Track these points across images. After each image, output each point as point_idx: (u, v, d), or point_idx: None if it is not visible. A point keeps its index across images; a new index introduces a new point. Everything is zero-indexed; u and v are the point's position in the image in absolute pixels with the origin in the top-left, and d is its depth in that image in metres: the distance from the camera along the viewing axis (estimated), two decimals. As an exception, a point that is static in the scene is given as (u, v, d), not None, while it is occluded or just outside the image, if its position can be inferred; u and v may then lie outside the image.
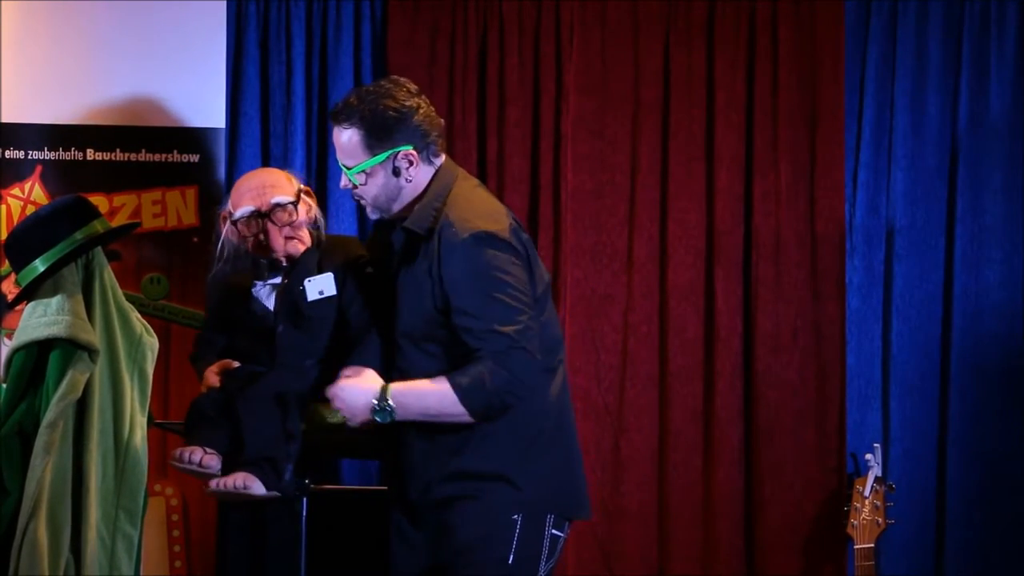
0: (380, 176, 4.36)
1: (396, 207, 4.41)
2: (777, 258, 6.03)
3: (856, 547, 5.66)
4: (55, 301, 4.31)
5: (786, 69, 6.06)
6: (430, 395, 4.32)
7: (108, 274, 4.44)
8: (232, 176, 6.02)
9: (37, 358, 4.30)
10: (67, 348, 4.27)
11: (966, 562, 5.97)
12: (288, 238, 4.63)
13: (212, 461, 4.41)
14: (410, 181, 4.38)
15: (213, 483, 4.39)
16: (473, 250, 4.28)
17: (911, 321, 6.05)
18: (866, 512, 5.65)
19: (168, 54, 5.85)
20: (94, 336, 4.32)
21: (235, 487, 4.37)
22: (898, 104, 6.08)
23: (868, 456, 5.70)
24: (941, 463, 6.03)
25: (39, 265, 4.34)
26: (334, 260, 4.65)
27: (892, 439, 6.02)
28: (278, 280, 4.68)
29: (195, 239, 5.85)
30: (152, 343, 4.52)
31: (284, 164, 6.08)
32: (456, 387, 4.27)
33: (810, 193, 6.04)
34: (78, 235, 4.36)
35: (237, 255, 4.71)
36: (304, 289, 4.58)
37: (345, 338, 4.61)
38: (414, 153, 4.36)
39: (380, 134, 4.33)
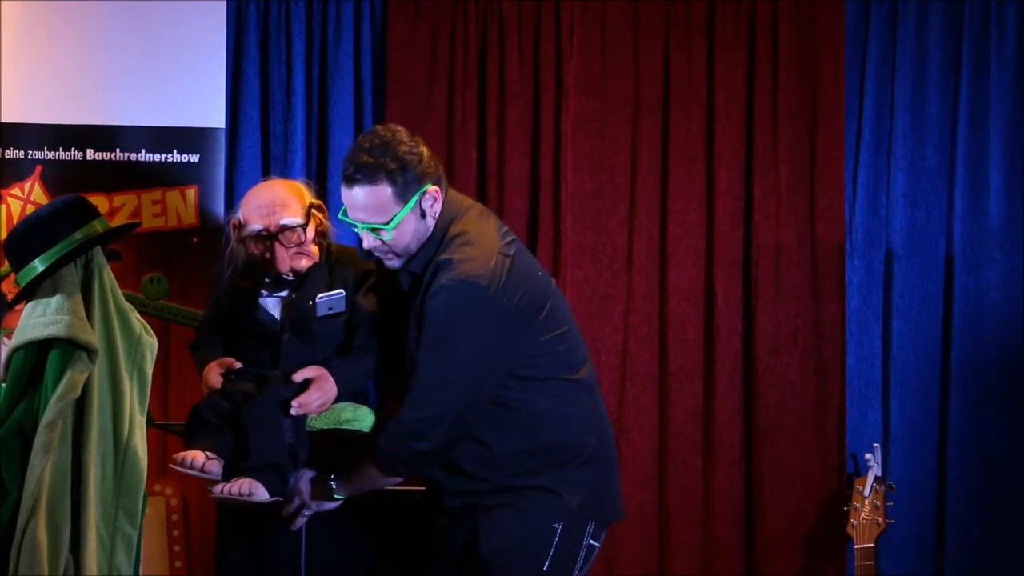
0: (411, 222, 4.34)
1: (417, 248, 4.39)
2: (777, 258, 6.03)
3: (856, 547, 5.66)
4: (54, 301, 4.31)
5: (786, 69, 6.06)
6: (359, 464, 4.45)
7: (107, 274, 4.44)
8: (232, 176, 6.03)
9: (36, 358, 4.29)
10: (66, 348, 4.27)
11: (966, 562, 5.97)
12: (295, 255, 4.61)
13: (214, 467, 4.40)
14: (434, 219, 4.37)
15: (217, 489, 4.39)
16: (448, 296, 4.26)
17: (911, 321, 6.05)
18: (866, 512, 5.65)
19: (168, 54, 5.85)
20: (93, 336, 4.32)
21: (240, 493, 4.36)
22: (898, 104, 6.08)
23: (868, 456, 5.70)
24: (941, 463, 6.03)
25: (38, 265, 4.34)
26: (344, 275, 4.62)
27: (892, 439, 6.02)
28: (284, 293, 4.67)
29: (195, 239, 5.85)
30: (151, 343, 4.52)
31: (284, 164, 6.09)
32: (372, 454, 4.39)
33: (810, 193, 6.04)
34: (77, 235, 4.36)
35: (245, 263, 4.70)
36: (314, 305, 4.57)
37: (347, 352, 4.62)
38: (437, 189, 4.35)
39: (407, 180, 4.29)
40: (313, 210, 4.65)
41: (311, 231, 4.61)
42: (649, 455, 6.00)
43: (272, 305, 4.66)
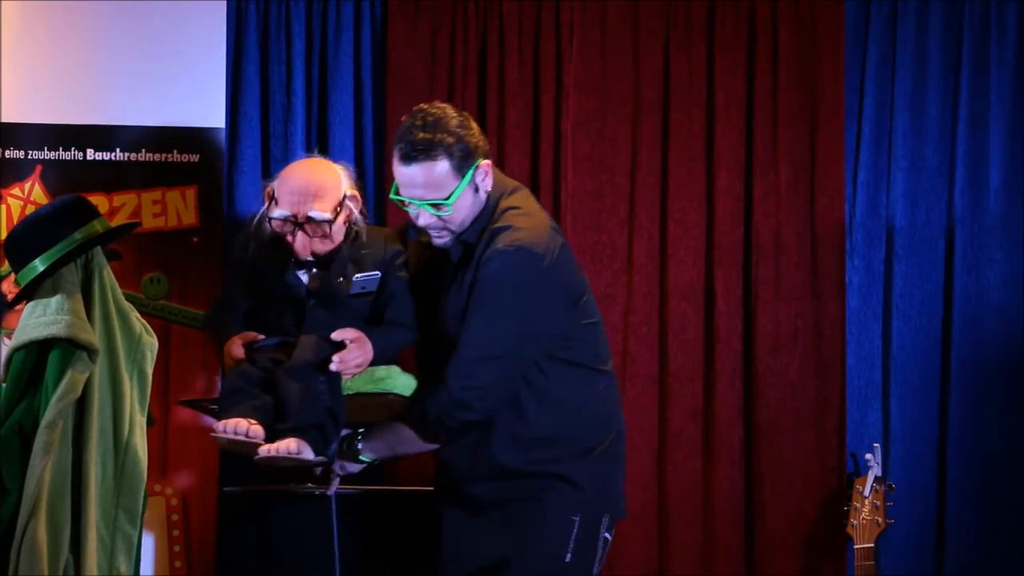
0: (467, 197, 4.38)
1: (470, 223, 4.43)
2: (777, 258, 6.03)
3: (856, 547, 5.66)
4: (54, 301, 4.31)
5: (786, 69, 6.06)
6: (391, 426, 4.44)
7: (107, 274, 4.45)
8: (232, 176, 6.03)
9: (37, 358, 4.30)
10: (66, 348, 4.27)
11: (966, 562, 5.97)
12: (315, 244, 4.57)
13: (259, 431, 4.31)
14: (487, 193, 4.41)
15: (263, 450, 4.29)
16: (504, 261, 4.28)
17: (911, 321, 6.05)
18: (866, 512, 5.65)
19: (168, 54, 5.85)
20: (93, 336, 4.32)
21: (288, 452, 4.27)
22: (898, 104, 6.07)
23: (868, 456, 5.70)
24: (941, 463, 6.02)
25: (38, 265, 4.34)
26: (372, 256, 4.58)
27: (892, 439, 6.02)
28: (315, 269, 4.61)
29: (195, 239, 5.85)
30: (151, 343, 4.52)
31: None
32: (406, 416, 4.39)
33: (810, 193, 6.04)
34: (77, 235, 4.37)
35: (272, 234, 4.63)
36: (347, 282, 4.52)
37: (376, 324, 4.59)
38: (489, 163, 4.40)
39: (464, 154, 4.34)
40: (347, 201, 4.60)
41: (339, 222, 4.56)
42: (649, 455, 5.99)
43: (302, 275, 4.61)
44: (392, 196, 4.44)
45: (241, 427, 4.28)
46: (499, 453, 4.43)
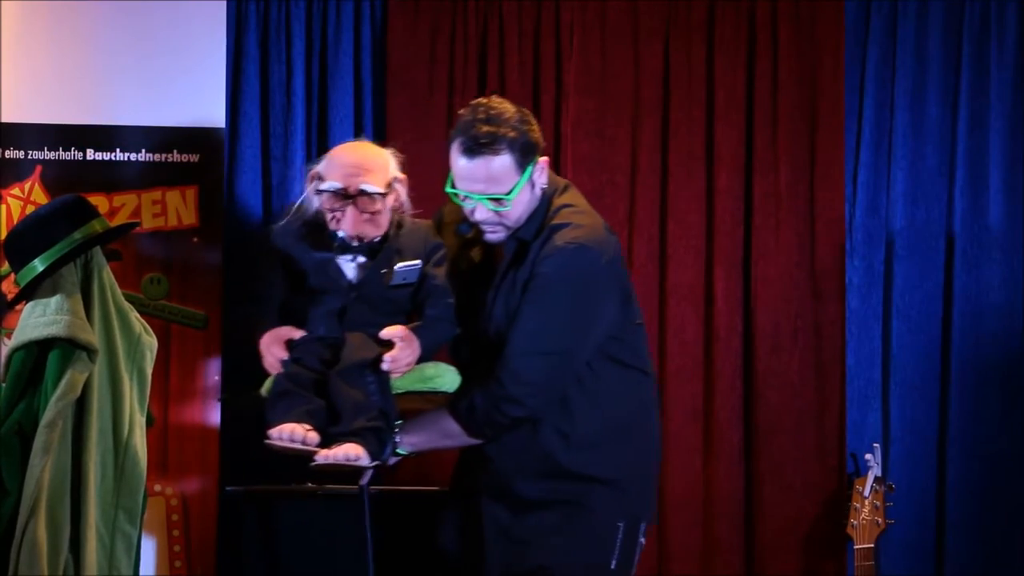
0: (526, 192, 4.33)
1: (525, 220, 4.38)
2: (777, 258, 6.03)
3: (856, 547, 5.65)
4: (54, 301, 4.31)
5: (786, 69, 6.06)
6: (430, 420, 4.36)
7: (107, 274, 4.44)
8: (232, 176, 6.03)
9: (36, 358, 4.30)
10: (66, 348, 4.27)
11: (966, 562, 5.97)
12: (366, 221, 4.41)
13: (314, 437, 4.19)
14: (542, 190, 4.37)
15: (321, 456, 4.17)
16: (564, 258, 4.26)
17: (911, 321, 6.05)
18: (866, 512, 5.65)
19: (168, 54, 5.85)
20: (93, 336, 4.32)
21: (347, 458, 4.17)
22: (898, 104, 6.08)
23: (868, 456, 5.70)
24: (941, 463, 6.02)
25: (38, 265, 4.34)
26: (413, 248, 4.46)
27: (892, 439, 6.02)
28: (363, 259, 4.50)
29: (195, 239, 5.85)
30: (151, 343, 4.52)
31: (284, 164, 6.09)
32: (451, 410, 4.32)
33: (810, 193, 6.04)
34: (77, 235, 4.37)
35: (312, 219, 4.49)
36: (390, 272, 4.43)
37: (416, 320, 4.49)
38: (546, 159, 4.36)
39: (525, 150, 4.30)
40: (395, 183, 4.47)
41: (388, 202, 4.44)
42: (649, 455, 5.99)
43: (348, 267, 4.46)
44: (448, 190, 4.36)
45: (297, 434, 4.17)
46: (548, 452, 4.38)
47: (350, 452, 4.15)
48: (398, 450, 4.39)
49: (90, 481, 4.34)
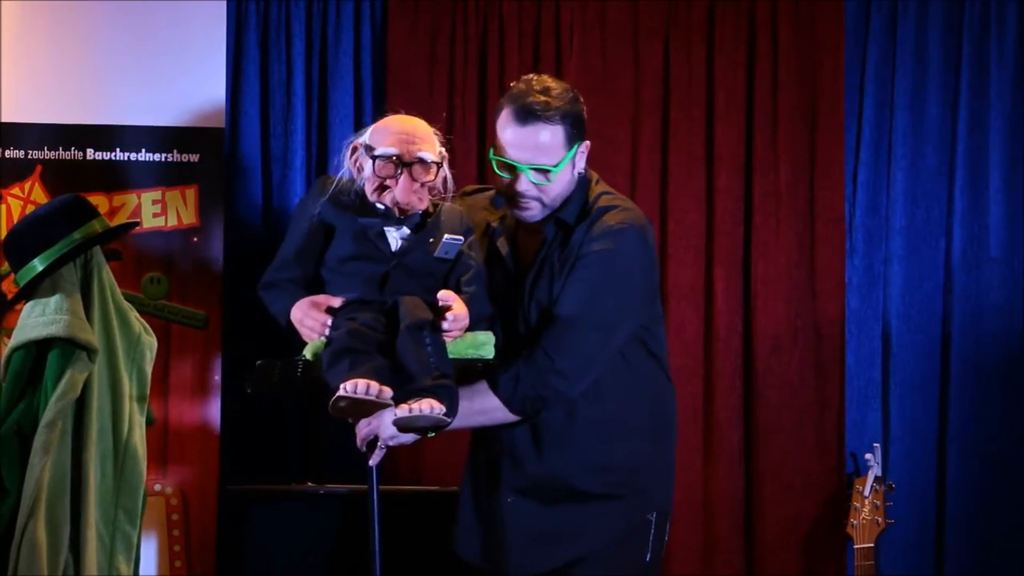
0: (567, 172, 4.34)
1: (560, 203, 4.38)
2: (777, 258, 6.03)
3: (856, 547, 5.65)
4: (53, 300, 4.31)
5: (786, 69, 6.06)
6: (463, 395, 4.24)
7: (107, 273, 4.45)
8: (232, 176, 6.03)
9: (36, 357, 4.30)
10: (65, 347, 4.27)
11: (966, 562, 5.96)
12: (416, 191, 4.34)
13: (388, 391, 4.04)
14: (580, 174, 4.38)
15: (402, 410, 4.03)
16: (615, 239, 4.25)
17: (911, 321, 6.04)
18: (866, 512, 5.65)
19: (168, 54, 5.85)
20: (92, 335, 4.32)
21: (432, 411, 4.03)
22: (898, 104, 6.07)
23: (868, 456, 5.70)
24: (941, 463, 6.02)
25: (37, 264, 4.35)
26: (454, 226, 4.38)
27: (892, 439, 6.02)
28: (407, 230, 4.38)
29: (195, 239, 5.85)
30: (151, 342, 4.53)
31: (284, 164, 6.09)
32: (493, 384, 4.26)
33: (810, 193, 6.04)
34: (76, 234, 4.37)
35: (353, 188, 4.39)
36: (437, 243, 4.36)
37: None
38: (588, 144, 4.38)
39: (576, 127, 4.32)
40: (442, 159, 4.40)
41: (439, 176, 4.37)
42: (649, 455, 5.99)
43: (394, 236, 4.37)
44: (492, 157, 4.35)
45: (373, 388, 4.01)
46: (582, 442, 4.35)
47: (435, 406, 4.03)
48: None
49: (90, 481, 4.34)
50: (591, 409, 4.36)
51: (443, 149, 4.39)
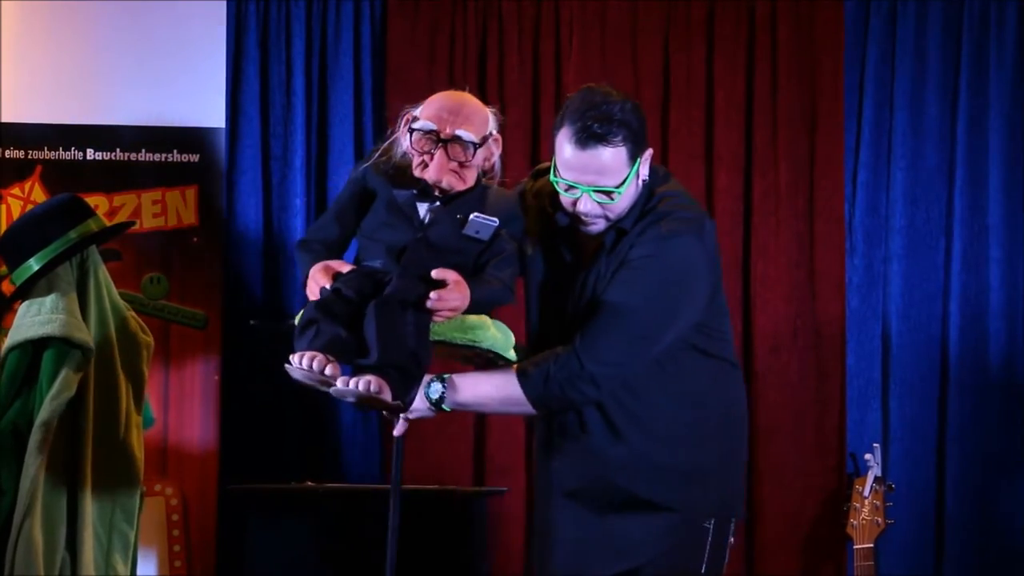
0: (633, 186, 4.12)
1: (626, 212, 4.18)
2: (777, 258, 6.03)
3: (856, 547, 5.64)
4: (49, 300, 4.32)
5: (786, 69, 6.06)
6: (487, 379, 4.13)
7: (103, 272, 4.45)
8: (232, 176, 6.04)
9: (32, 357, 4.30)
10: (61, 347, 4.27)
11: (966, 562, 5.96)
12: (452, 171, 4.17)
13: (336, 371, 3.91)
14: (644, 181, 4.17)
15: (339, 382, 3.90)
16: (663, 247, 4.08)
17: (911, 321, 6.04)
18: (866, 512, 5.64)
19: (168, 54, 5.86)
20: (88, 335, 4.32)
21: (367, 390, 3.88)
22: (898, 104, 6.07)
23: (868, 456, 5.69)
24: (941, 463, 6.02)
25: (33, 264, 4.35)
26: (497, 210, 4.18)
27: (892, 439, 6.02)
28: (436, 204, 4.33)
29: (195, 239, 5.86)
30: (147, 342, 4.53)
31: (284, 164, 6.10)
32: (521, 376, 4.09)
33: (810, 193, 6.04)
34: (72, 234, 4.37)
35: (397, 162, 4.23)
36: (466, 219, 4.27)
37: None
38: (651, 151, 4.17)
39: (637, 141, 4.09)
40: (491, 140, 4.21)
41: (479, 157, 4.18)
42: (649, 455, 5.99)
43: (423, 210, 4.18)
44: (552, 179, 4.12)
45: (317, 363, 3.89)
46: (629, 450, 4.28)
47: (372, 384, 3.89)
48: (443, 405, 4.14)
49: (86, 480, 4.35)
50: (641, 414, 4.26)
51: (494, 130, 4.21)
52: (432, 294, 4.00)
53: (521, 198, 4.33)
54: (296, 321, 4.06)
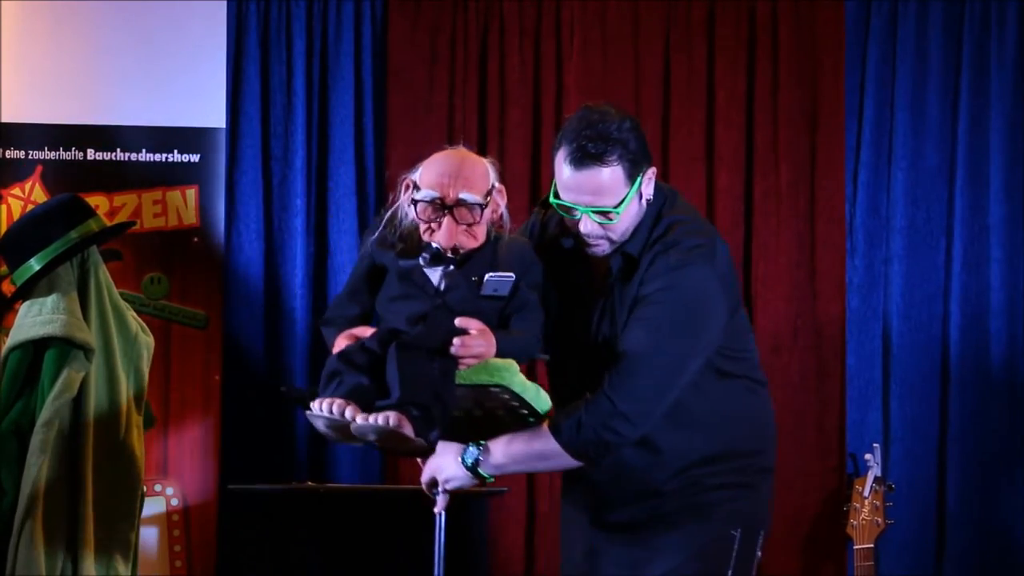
0: (634, 205, 4.07)
1: (630, 234, 4.12)
2: (777, 258, 6.03)
3: (856, 547, 5.64)
4: (50, 300, 4.32)
5: (786, 69, 6.06)
6: (520, 436, 4.07)
7: (103, 272, 4.45)
8: (232, 176, 6.04)
9: (33, 357, 4.31)
10: (62, 347, 4.28)
11: (966, 562, 5.96)
12: (463, 232, 4.14)
13: (356, 412, 3.88)
14: (648, 201, 4.12)
15: (360, 417, 3.88)
16: (680, 279, 4.02)
17: (911, 321, 6.04)
18: (866, 512, 5.64)
19: (168, 54, 5.86)
20: (89, 335, 4.33)
21: (388, 423, 3.86)
22: (898, 104, 6.07)
23: (868, 456, 5.69)
24: (941, 463, 6.02)
25: (34, 264, 4.35)
26: (509, 262, 4.16)
27: (892, 439, 6.02)
28: (443, 268, 4.30)
29: (195, 239, 5.86)
30: (148, 341, 4.53)
31: (284, 164, 6.09)
32: (553, 429, 4.03)
33: (810, 193, 6.04)
34: (73, 234, 4.38)
35: (406, 228, 4.19)
36: (481, 281, 4.24)
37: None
38: (654, 170, 4.11)
39: (635, 160, 4.03)
40: (495, 192, 4.17)
41: (486, 214, 4.14)
42: (649, 455, 5.98)
43: (435, 275, 4.14)
44: (552, 200, 4.10)
45: (338, 407, 3.88)
46: (655, 475, 4.25)
47: (391, 418, 3.86)
48: (480, 470, 4.09)
49: (87, 480, 4.35)
50: (664, 439, 4.24)
51: (496, 182, 4.16)
52: (456, 340, 3.97)
53: (540, 225, 4.30)
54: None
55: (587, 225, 4.06)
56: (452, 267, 4.10)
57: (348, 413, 3.86)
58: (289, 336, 6.08)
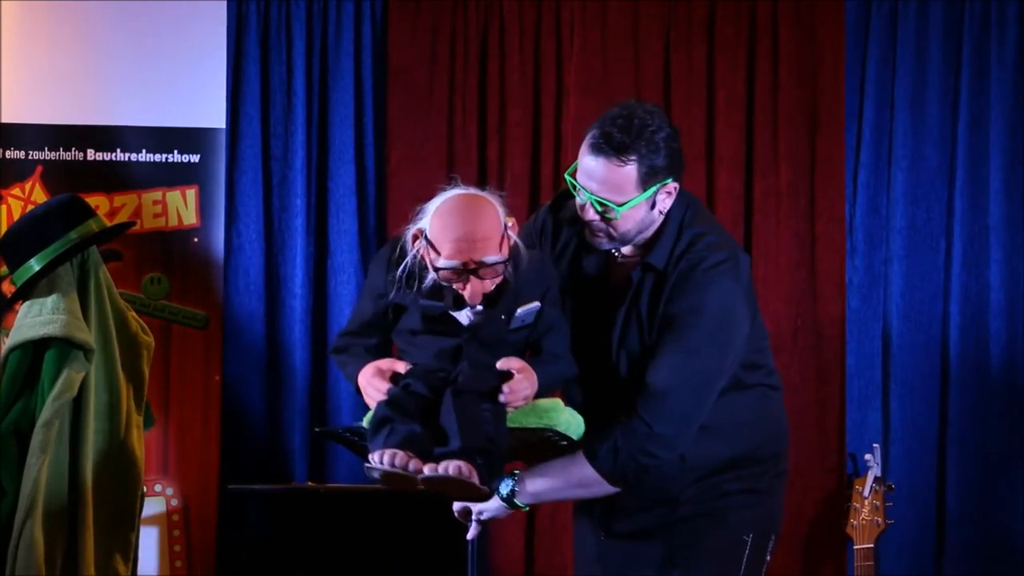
0: (640, 211, 4.03)
1: (638, 240, 4.10)
2: (777, 258, 6.02)
3: (856, 547, 5.65)
4: (50, 300, 4.32)
5: (786, 69, 6.06)
6: (555, 465, 4.07)
7: (103, 273, 4.45)
8: (232, 176, 6.03)
9: (33, 357, 4.31)
10: (62, 347, 4.28)
11: (966, 562, 5.96)
12: (485, 287, 4.05)
13: (418, 463, 3.83)
14: (662, 213, 4.08)
15: (428, 468, 3.81)
16: (707, 297, 4.01)
17: (911, 321, 6.04)
18: (865, 512, 5.64)
19: (168, 54, 5.86)
20: (89, 335, 4.33)
21: (458, 473, 3.80)
22: (898, 104, 6.07)
23: (868, 456, 5.69)
24: (941, 463, 6.02)
25: (34, 264, 4.35)
26: (527, 284, 4.09)
27: (892, 439, 6.02)
28: (480, 308, 4.24)
29: (195, 239, 5.86)
30: (148, 342, 4.53)
31: (284, 164, 6.09)
32: (589, 455, 4.02)
33: (810, 193, 6.04)
34: (73, 234, 4.38)
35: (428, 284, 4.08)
36: (509, 318, 4.19)
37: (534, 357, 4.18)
38: (676, 186, 4.05)
39: (654, 170, 3.98)
40: (508, 231, 4.05)
41: (504, 254, 4.03)
42: (649, 455, 5.98)
43: (458, 313, 4.06)
44: (566, 175, 4.06)
45: (400, 459, 3.81)
46: (675, 483, 4.13)
47: (463, 468, 3.79)
48: (516, 501, 4.10)
49: (87, 480, 4.35)
50: (692, 451, 4.20)
51: (507, 221, 4.04)
52: (504, 387, 3.94)
53: (554, 228, 4.26)
54: (365, 423, 3.98)
55: (589, 212, 4.04)
56: (480, 307, 4.01)
57: (412, 466, 3.79)
58: (289, 336, 6.08)
